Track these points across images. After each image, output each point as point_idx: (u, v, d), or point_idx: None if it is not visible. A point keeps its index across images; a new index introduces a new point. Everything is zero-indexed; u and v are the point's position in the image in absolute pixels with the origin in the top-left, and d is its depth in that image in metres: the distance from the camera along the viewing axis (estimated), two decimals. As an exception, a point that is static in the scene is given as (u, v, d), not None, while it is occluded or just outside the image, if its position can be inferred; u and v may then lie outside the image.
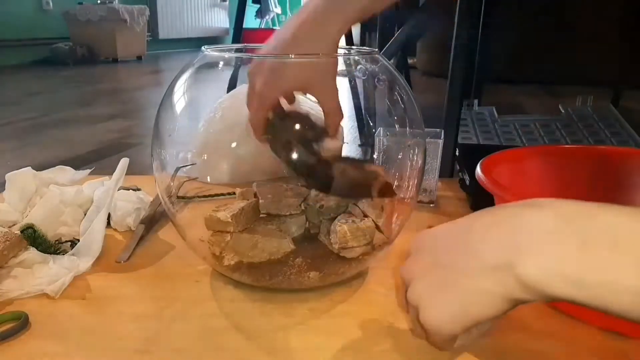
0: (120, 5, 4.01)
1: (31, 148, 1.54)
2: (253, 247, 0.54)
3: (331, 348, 0.45)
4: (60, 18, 3.90)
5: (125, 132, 1.77)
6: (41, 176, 0.71)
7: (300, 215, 0.58)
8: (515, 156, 0.68)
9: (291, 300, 0.53)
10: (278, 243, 0.55)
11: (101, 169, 0.82)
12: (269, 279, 0.53)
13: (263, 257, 0.54)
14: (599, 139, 1.49)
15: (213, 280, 0.57)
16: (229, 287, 0.56)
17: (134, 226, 0.69)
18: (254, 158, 0.63)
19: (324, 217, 0.57)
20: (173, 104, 0.58)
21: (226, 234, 0.54)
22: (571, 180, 0.67)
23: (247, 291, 0.55)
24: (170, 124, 0.59)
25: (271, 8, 5.44)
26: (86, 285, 0.56)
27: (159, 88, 2.94)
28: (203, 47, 0.56)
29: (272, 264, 0.54)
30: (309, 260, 0.54)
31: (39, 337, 0.47)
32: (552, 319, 0.50)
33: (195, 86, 0.59)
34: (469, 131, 1.57)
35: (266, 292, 0.55)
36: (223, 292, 0.55)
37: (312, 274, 0.53)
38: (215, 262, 0.55)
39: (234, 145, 0.64)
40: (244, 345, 0.46)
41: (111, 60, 4.02)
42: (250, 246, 0.54)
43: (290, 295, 0.54)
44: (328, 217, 0.57)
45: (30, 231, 0.61)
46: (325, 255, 0.55)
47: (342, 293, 0.54)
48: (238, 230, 0.54)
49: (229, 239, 0.54)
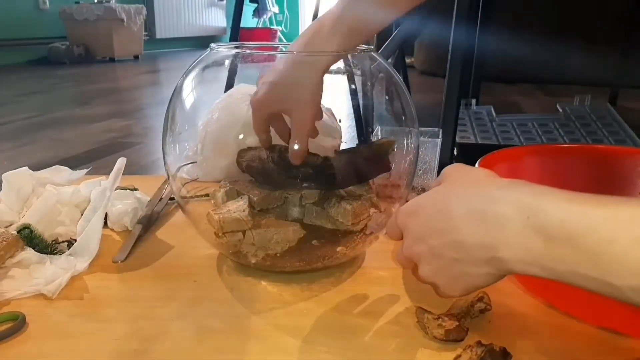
0: (117, 5, 3.99)
1: (28, 148, 1.54)
2: (269, 239, 0.56)
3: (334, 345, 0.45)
4: (57, 17, 3.89)
5: (122, 131, 1.77)
6: (38, 176, 0.70)
7: (283, 205, 0.60)
8: (513, 155, 0.68)
9: (290, 299, 0.53)
10: (292, 231, 0.57)
11: (98, 169, 0.82)
12: (302, 263, 0.57)
13: (284, 246, 0.57)
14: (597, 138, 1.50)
15: (211, 280, 0.57)
16: (227, 287, 0.56)
17: (131, 226, 0.69)
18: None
19: (307, 202, 0.60)
20: (183, 101, 0.61)
21: (238, 233, 0.56)
22: (569, 179, 0.67)
23: (245, 291, 0.55)
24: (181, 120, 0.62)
25: (268, 7, 5.43)
26: (83, 286, 0.56)
27: (156, 87, 2.93)
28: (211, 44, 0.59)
29: (293, 251, 0.57)
30: (323, 240, 0.58)
31: (36, 338, 0.47)
32: (549, 317, 0.50)
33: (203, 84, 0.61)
34: (467, 130, 1.57)
35: (265, 292, 0.55)
36: (221, 292, 0.55)
37: (340, 248, 0.57)
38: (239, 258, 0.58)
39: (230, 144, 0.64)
40: (242, 345, 0.46)
41: (108, 59, 4.01)
42: (266, 239, 0.56)
43: (289, 295, 0.54)
44: (311, 202, 0.60)
45: (27, 231, 0.60)
46: (330, 233, 0.59)
47: (339, 292, 0.55)
48: (251, 227, 0.56)
49: (241, 237, 0.56)
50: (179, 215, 0.75)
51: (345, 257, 0.59)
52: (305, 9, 6.16)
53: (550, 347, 0.46)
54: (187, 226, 0.67)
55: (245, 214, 0.55)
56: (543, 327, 0.49)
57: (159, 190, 0.79)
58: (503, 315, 0.50)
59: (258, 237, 0.56)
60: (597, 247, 0.31)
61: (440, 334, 0.46)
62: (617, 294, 0.31)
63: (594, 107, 1.73)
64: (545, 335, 0.47)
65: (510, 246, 0.36)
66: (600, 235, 0.31)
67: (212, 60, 0.61)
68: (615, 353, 0.45)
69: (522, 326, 0.49)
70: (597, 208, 0.32)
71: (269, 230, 0.56)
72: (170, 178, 0.62)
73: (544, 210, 0.34)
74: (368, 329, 0.48)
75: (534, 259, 0.35)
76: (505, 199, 0.36)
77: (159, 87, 2.97)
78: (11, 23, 3.58)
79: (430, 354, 0.45)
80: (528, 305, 0.52)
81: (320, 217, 0.59)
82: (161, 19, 4.81)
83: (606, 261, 0.30)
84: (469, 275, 0.40)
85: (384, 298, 0.54)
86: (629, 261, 0.30)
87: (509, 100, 2.42)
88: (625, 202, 0.31)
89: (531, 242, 0.34)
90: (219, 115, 0.74)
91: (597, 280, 0.31)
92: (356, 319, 0.50)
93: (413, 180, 0.64)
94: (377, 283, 0.57)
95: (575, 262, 0.32)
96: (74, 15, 3.87)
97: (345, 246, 0.58)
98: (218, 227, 0.55)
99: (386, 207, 0.62)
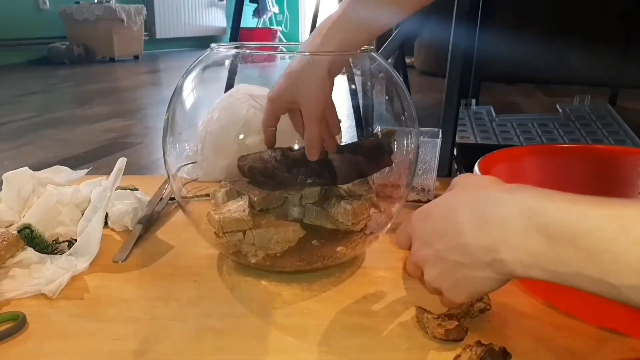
0: (118, 5, 3.99)
1: (28, 148, 1.54)
2: (269, 239, 0.56)
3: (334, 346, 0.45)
4: (57, 17, 3.88)
5: (123, 131, 1.77)
6: (38, 176, 0.70)
7: (283, 205, 0.60)
8: (513, 155, 0.68)
9: (290, 299, 0.53)
10: (292, 231, 0.57)
11: (98, 169, 0.82)
12: (302, 263, 0.57)
13: (284, 246, 0.57)
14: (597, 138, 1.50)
15: (211, 280, 0.57)
16: (227, 287, 0.56)
17: (131, 226, 0.69)
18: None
19: (307, 202, 0.60)
20: (184, 101, 0.61)
21: (238, 233, 0.56)
22: (569, 179, 0.68)
23: (245, 291, 0.55)
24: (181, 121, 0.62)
25: (268, 7, 5.43)
26: (84, 286, 0.56)
27: (157, 88, 2.93)
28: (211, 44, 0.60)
29: (293, 251, 0.57)
30: (323, 240, 0.58)
31: (37, 338, 0.47)
32: (549, 317, 0.50)
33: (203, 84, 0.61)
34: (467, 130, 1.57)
35: (265, 291, 0.55)
36: (221, 292, 0.55)
37: (340, 248, 0.57)
38: (239, 258, 0.58)
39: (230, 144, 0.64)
40: (242, 345, 0.46)
41: (108, 59, 4.01)
42: (266, 239, 0.56)
43: (289, 295, 0.54)
44: (311, 202, 0.60)
45: (27, 231, 0.60)
46: (330, 232, 0.59)
47: (339, 292, 0.55)
48: (251, 227, 0.56)
49: (241, 237, 0.56)
50: (179, 215, 0.75)
51: (345, 257, 0.59)
52: (305, 9, 6.16)
53: (550, 347, 0.46)
54: (187, 226, 0.67)
55: (245, 214, 0.55)
56: (543, 327, 0.49)
57: (159, 190, 0.79)
58: (503, 315, 0.50)
59: (258, 237, 0.56)
60: (598, 246, 0.31)
61: (440, 333, 0.46)
62: (616, 294, 0.31)
63: (594, 107, 1.72)
64: (545, 335, 0.47)
65: (511, 247, 0.36)
66: (602, 235, 0.31)
67: (212, 60, 0.61)
68: (615, 353, 0.45)
69: (522, 326, 0.49)
70: (598, 208, 0.32)
71: (269, 230, 0.56)
72: (170, 178, 0.62)
73: (545, 211, 0.34)
74: (368, 328, 0.48)
75: (535, 260, 0.35)
76: (508, 201, 0.37)
77: (159, 87, 2.97)
78: (11, 23, 3.58)
79: (430, 353, 0.45)
80: (528, 305, 0.52)
81: (320, 217, 0.59)
82: (161, 19, 4.81)
83: (607, 260, 0.31)
84: (472, 280, 0.40)
85: (384, 298, 0.54)
86: (630, 260, 0.30)
87: (509, 100, 2.42)
88: (628, 203, 0.32)
89: (532, 243, 0.34)
90: (219, 115, 0.74)
91: (598, 281, 0.31)
92: (356, 318, 0.50)
93: (413, 180, 0.64)
94: (377, 283, 0.57)
95: (577, 262, 0.32)
96: (74, 15, 3.87)
97: (345, 246, 0.58)
98: (218, 227, 0.55)
99: (386, 207, 0.62)
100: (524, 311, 0.51)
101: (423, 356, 0.44)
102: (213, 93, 0.74)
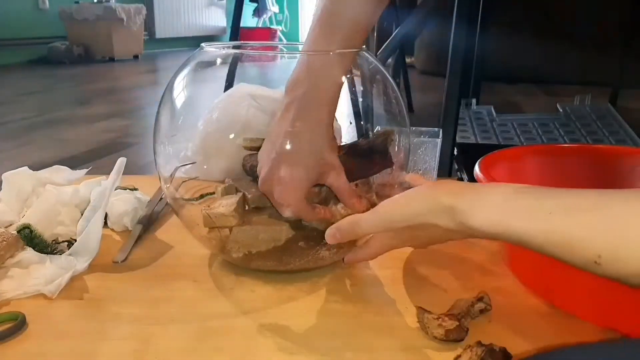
0: (117, 4, 4.00)
1: (27, 148, 1.54)
2: (255, 237, 0.56)
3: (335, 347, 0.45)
4: (56, 17, 3.89)
5: (122, 131, 1.77)
6: (38, 176, 0.70)
7: None
8: (514, 155, 0.68)
9: (292, 299, 0.53)
10: (279, 230, 0.56)
11: (98, 169, 0.82)
12: (285, 264, 0.56)
13: (269, 245, 0.56)
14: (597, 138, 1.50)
15: (211, 280, 0.57)
16: (227, 287, 0.56)
17: (131, 226, 0.69)
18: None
19: None
20: (173, 101, 0.60)
21: (225, 229, 0.55)
22: (569, 179, 0.68)
23: (245, 290, 0.55)
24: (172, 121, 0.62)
25: (268, 7, 5.43)
26: (83, 286, 0.56)
27: (156, 87, 2.94)
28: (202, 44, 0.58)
29: (278, 250, 0.56)
30: (312, 242, 0.57)
31: (36, 338, 0.47)
32: (549, 317, 0.50)
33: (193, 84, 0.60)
34: (467, 130, 1.57)
35: (265, 291, 0.55)
36: (221, 292, 0.55)
37: (324, 252, 0.56)
38: (224, 255, 0.58)
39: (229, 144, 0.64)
40: (242, 345, 0.46)
41: (108, 59, 4.01)
42: (252, 236, 0.56)
43: (290, 296, 0.54)
44: None
45: (27, 231, 0.60)
46: (320, 235, 0.57)
47: (339, 292, 0.55)
48: (238, 224, 0.55)
49: (228, 233, 0.56)
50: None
51: (337, 258, 0.58)
52: (305, 9, 6.17)
53: (550, 347, 0.46)
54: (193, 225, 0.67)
55: (231, 210, 0.55)
56: (543, 327, 0.49)
57: (159, 190, 0.79)
58: (504, 315, 0.50)
59: (242, 234, 0.55)
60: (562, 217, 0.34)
61: (440, 334, 0.46)
62: None
63: (594, 107, 1.73)
64: (545, 335, 0.47)
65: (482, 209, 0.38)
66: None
67: (201, 59, 0.59)
68: (616, 353, 0.45)
69: (522, 326, 0.49)
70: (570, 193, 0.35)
71: (255, 228, 0.56)
72: (162, 181, 0.61)
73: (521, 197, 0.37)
74: (368, 328, 0.48)
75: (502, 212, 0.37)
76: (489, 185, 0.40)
77: (159, 86, 2.97)
78: (11, 23, 3.58)
79: (430, 354, 0.45)
80: (528, 305, 0.52)
81: None
82: (161, 18, 4.81)
83: None
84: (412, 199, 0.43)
85: (383, 298, 0.54)
86: None
87: (509, 100, 2.42)
88: None
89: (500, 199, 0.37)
90: (218, 116, 0.74)
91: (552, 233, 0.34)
92: (356, 318, 0.50)
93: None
94: (377, 283, 0.57)
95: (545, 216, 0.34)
96: (74, 15, 3.88)
97: (343, 246, 0.58)
98: (203, 222, 0.55)
99: None
100: (525, 311, 0.51)
101: (423, 356, 0.44)
102: (204, 93, 0.73)
